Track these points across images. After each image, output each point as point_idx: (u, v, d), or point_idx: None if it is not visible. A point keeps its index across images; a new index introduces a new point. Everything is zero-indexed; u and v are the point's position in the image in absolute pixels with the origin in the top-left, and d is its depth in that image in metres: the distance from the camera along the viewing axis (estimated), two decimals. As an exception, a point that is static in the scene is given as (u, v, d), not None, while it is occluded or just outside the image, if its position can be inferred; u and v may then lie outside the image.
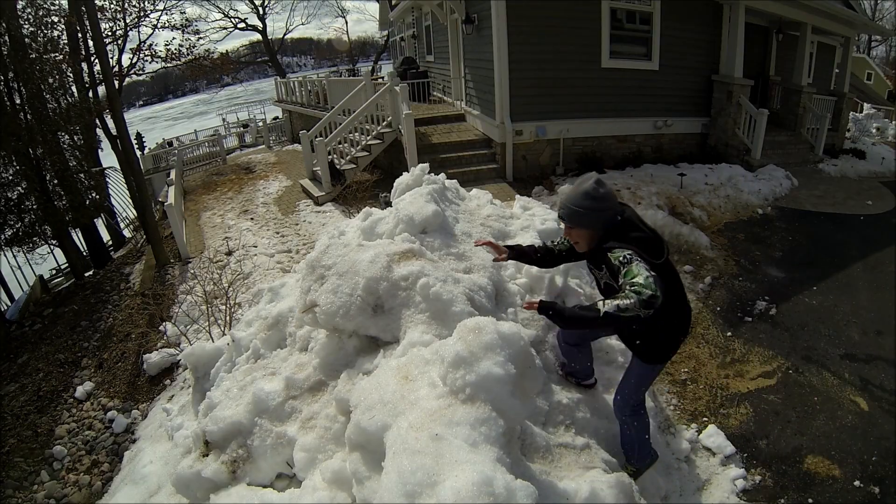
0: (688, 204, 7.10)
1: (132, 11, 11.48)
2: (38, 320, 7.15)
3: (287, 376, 2.63)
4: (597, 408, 2.76)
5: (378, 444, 1.79)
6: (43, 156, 8.36)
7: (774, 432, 3.40)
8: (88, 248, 10.10)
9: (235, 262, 6.53)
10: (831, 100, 10.93)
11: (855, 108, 15.03)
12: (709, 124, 9.23)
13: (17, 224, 8.54)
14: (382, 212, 3.54)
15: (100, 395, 5.17)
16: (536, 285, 3.23)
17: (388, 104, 8.65)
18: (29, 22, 8.67)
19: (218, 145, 15.37)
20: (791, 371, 4.01)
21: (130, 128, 9.72)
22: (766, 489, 2.99)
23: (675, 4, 8.32)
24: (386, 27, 23.49)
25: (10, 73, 8.10)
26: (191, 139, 18.76)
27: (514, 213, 4.22)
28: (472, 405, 1.75)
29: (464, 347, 1.86)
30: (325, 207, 8.14)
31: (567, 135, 8.36)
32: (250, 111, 25.51)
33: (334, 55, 49.00)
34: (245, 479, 2.36)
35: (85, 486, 4.18)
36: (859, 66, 20.14)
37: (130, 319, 6.22)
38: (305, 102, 14.05)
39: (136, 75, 12.05)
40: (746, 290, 5.31)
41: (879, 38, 26.66)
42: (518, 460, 1.86)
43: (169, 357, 5.11)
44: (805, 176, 8.78)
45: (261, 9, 25.80)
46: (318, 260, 2.77)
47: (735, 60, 8.60)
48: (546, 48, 7.91)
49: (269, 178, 10.86)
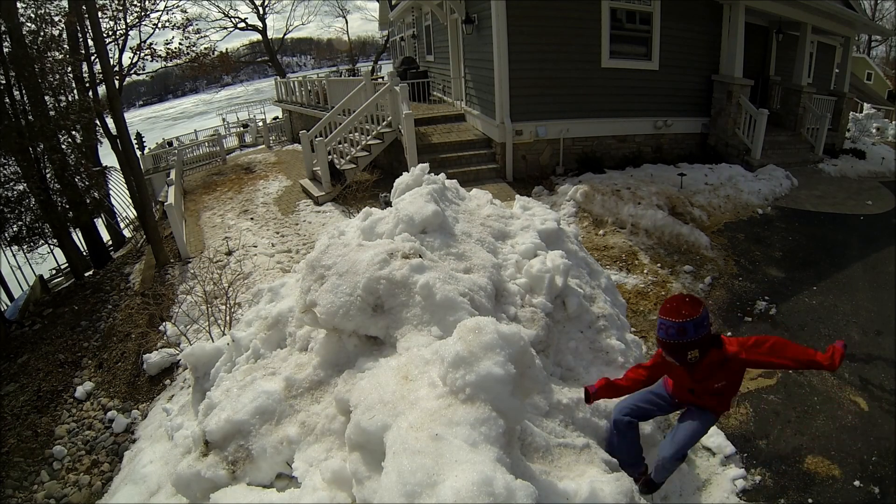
0: (688, 204, 7.09)
1: (133, 11, 11.46)
2: (38, 320, 7.15)
3: (287, 376, 2.62)
4: (597, 407, 2.76)
5: (378, 444, 1.79)
6: (43, 155, 8.36)
7: (774, 432, 3.40)
8: (88, 247, 10.09)
9: (235, 262, 6.53)
10: (831, 100, 10.93)
11: (855, 108, 15.02)
12: (709, 124, 9.23)
13: (18, 223, 8.53)
14: (382, 212, 3.53)
15: (100, 395, 5.17)
16: (536, 285, 3.22)
17: (388, 104, 8.65)
18: (30, 20, 8.66)
19: (218, 145, 15.37)
20: (791, 371, 4.01)
21: (130, 128, 9.71)
22: (766, 489, 2.99)
23: (675, 4, 8.32)
24: (386, 27, 23.49)
25: (10, 71, 8.10)
26: (191, 139, 18.75)
27: (514, 213, 4.21)
28: (472, 405, 1.75)
29: (464, 347, 1.86)
30: (325, 207, 8.14)
31: (567, 135, 8.36)
32: (250, 111, 25.52)
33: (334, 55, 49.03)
34: (245, 479, 2.36)
35: (85, 485, 4.18)
36: (859, 66, 20.14)
37: (130, 319, 6.22)
38: (305, 102, 14.05)
39: (137, 75, 12.01)
40: (746, 290, 5.31)
41: (879, 38, 26.65)
42: (518, 460, 1.86)
43: (169, 357, 5.11)
44: (805, 176, 8.78)
45: (261, 9, 25.78)
46: (318, 260, 2.77)
47: (735, 60, 8.60)
48: (546, 48, 7.91)
49: (269, 178, 10.86)
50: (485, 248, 3.25)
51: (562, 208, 6.87)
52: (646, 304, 5.10)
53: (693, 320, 2.14)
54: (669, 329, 2.18)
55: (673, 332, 2.17)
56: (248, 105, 27.70)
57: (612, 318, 3.26)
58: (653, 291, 5.28)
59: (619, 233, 6.36)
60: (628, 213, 6.60)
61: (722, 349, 2.28)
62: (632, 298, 5.13)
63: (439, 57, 12.36)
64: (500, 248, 3.42)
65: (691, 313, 2.15)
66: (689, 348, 2.18)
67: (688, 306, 2.17)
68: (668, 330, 2.18)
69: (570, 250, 3.60)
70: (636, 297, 5.19)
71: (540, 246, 3.34)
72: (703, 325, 2.17)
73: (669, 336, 2.18)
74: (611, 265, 5.74)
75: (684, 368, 2.30)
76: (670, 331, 2.18)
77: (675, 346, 2.19)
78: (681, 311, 2.16)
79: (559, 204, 6.98)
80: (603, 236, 6.36)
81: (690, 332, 2.15)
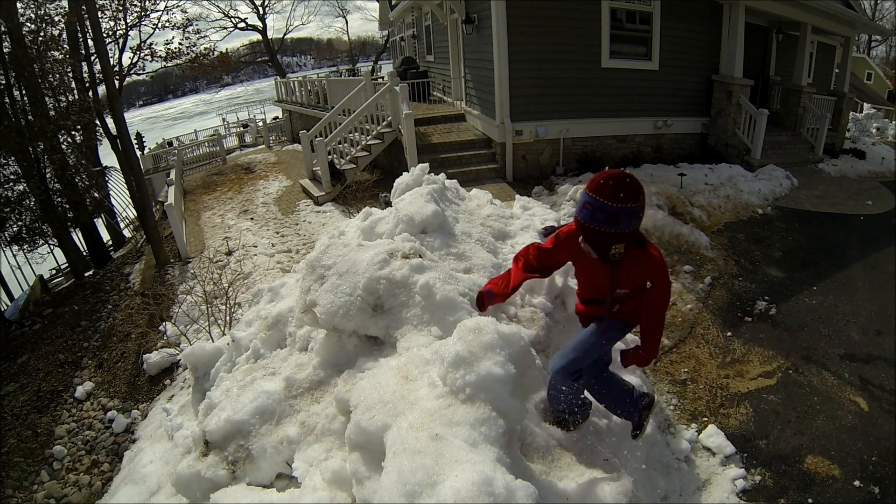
0: (688, 204, 7.10)
1: (133, 11, 11.47)
2: (38, 320, 7.15)
3: (287, 376, 2.63)
4: (597, 408, 2.76)
5: (378, 444, 1.79)
6: (43, 155, 8.36)
7: (774, 432, 3.40)
8: (88, 247, 10.09)
9: (235, 262, 6.53)
10: (831, 100, 10.93)
11: (855, 108, 15.02)
12: (709, 124, 9.22)
13: (18, 223, 8.54)
14: (382, 212, 3.54)
15: (100, 395, 5.17)
16: (536, 285, 3.22)
17: (388, 104, 8.65)
18: (30, 20, 8.66)
19: (218, 145, 15.37)
20: (791, 371, 4.01)
21: (130, 128, 9.71)
22: (766, 489, 2.99)
23: (675, 4, 8.32)
24: (386, 27, 23.48)
25: (10, 72, 8.10)
26: (191, 139, 18.75)
27: (514, 213, 4.21)
28: (472, 405, 1.75)
29: (464, 347, 1.86)
30: (325, 207, 8.14)
31: (567, 135, 8.36)
32: (250, 111, 25.52)
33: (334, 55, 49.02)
34: (245, 479, 2.36)
35: (85, 485, 4.18)
36: (859, 66, 20.14)
37: (130, 319, 6.22)
38: (305, 102, 14.05)
39: (137, 75, 12.03)
40: (746, 290, 5.31)
41: (879, 38, 26.66)
42: (518, 460, 1.86)
43: (169, 357, 5.11)
44: (805, 176, 8.78)
45: (261, 9, 25.78)
46: (318, 260, 2.77)
47: (735, 60, 8.60)
48: (546, 48, 7.91)
49: (269, 177, 10.86)
50: (485, 248, 3.25)
51: (562, 208, 6.87)
52: (646, 304, 5.10)
53: (630, 208, 1.74)
54: (598, 212, 1.74)
55: (602, 218, 1.75)
56: (248, 105, 27.70)
57: (612, 318, 3.25)
58: (653, 291, 5.27)
59: (619, 233, 6.35)
60: (628, 213, 6.59)
61: (646, 250, 1.91)
62: (632, 298, 5.12)
63: (439, 57, 12.36)
64: (500, 247, 3.42)
65: (630, 198, 1.73)
66: (616, 241, 1.78)
67: (627, 188, 1.73)
68: (597, 213, 1.75)
69: (570, 250, 3.59)
70: (636, 297, 5.18)
71: (540, 246, 3.33)
72: (638, 217, 1.79)
73: (596, 221, 1.76)
74: (611, 265, 5.73)
75: (605, 267, 1.91)
76: (598, 214, 1.74)
77: (600, 235, 1.78)
78: (618, 193, 1.72)
79: (559, 204, 6.98)
80: (603, 236, 6.35)
81: (623, 222, 1.75)
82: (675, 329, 4.60)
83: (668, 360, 4.18)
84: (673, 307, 5.00)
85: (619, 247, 1.79)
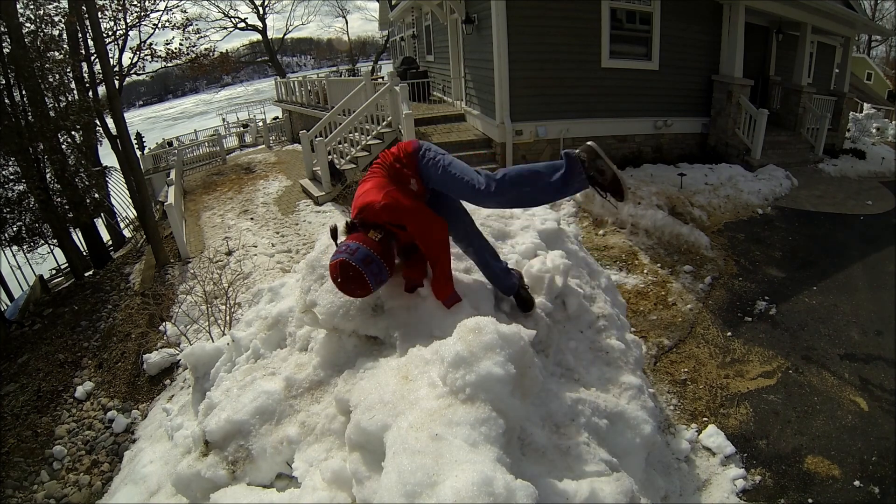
0: (688, 204, 7.10)
1: (133, 11, 11.48)
2: (38, 320, 7.15)
3: (287, 376, 2.62)
4: (597, 406, 2.76)
5: (378, 444, 1.79)
6: (43, 155, 8.36)
7: (774, 432, 3.40)
8: (88, 247, 10.09)
9: (235, 262, 6.53)
10: (831, 100, 10.93)
11: (855, 108, 15.01)
12: (709, 124, 9.22)
13: (18, 223, 8.54)
14: (382, 212, 3.53)
15: (100, 395, 5.17)
16: (536, 285, 3.22)
17: (388, 104, 8.65)
18: (29, 20, 8.66)
19: (218, 145, 15.37)
20: (791, 371, 4.01)
21: (130, 128, 9.72)
22: (766, 489, 2.99)
23: (675, 4, 8.32)
24: (386, 27, 23.47)
25: (10, 72, 8.09)
26: (191, 139, 18.75)
27: (514, 212, 4.21)
28: (472, 405, 1.75)
29: (464, 347, 1.86)
30: (325, 207, 8.14)
31: (567, 135, 8.36)
32: (250, 111, 25.51)
33: (334, 55, 48.98)
34: (245, 479, 2.36)
35: (85, 485, 4.18)
36: (859, 66, 20.14)
37: (130, 319, 6.22)
38: (305, 102, 14.04)
39: (137, 75, 12.05)
40: (746, 290, 5.31)
41: (879, 38, 26.66)
42: (518, 460, 1.86)
43: (169, 357, 5.11)
44: (805, 176, 8.78)
45: (261, 9, 25.79)
46: (318, 260, 2.77)
47: (735, 60, 8.60)
48: (546, 48, 7.91)
49: (269, 178, 10.86)
50: (485, 247, 3.24)
51: (562, 208, 6.88)
52: (646, 304, 5.11)
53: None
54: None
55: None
56: (248, 105, 27.71)
57: (612, 318, 3.25)
58: (653, 291, 5.28)
59: (619, 233, 6.37)
60: (628, 213, 6.60)
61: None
62: (632, 298, 5.13)
63: (439, 57, 12.36)
64: (499, 247, 3.42)
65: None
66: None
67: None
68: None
69: (570, 250, 3.60)
70: (636, 297, 5.19)
71: (540, 246, 3.34)
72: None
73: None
74: (611, 265, 5.74)
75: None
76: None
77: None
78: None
79: (559, 204, 6.98)
80: (603, 236, 6.36)
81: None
82: (675, 329, 4.60)
83: (668, 360, 4.18)
84: (673, 307, 5.00)
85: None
